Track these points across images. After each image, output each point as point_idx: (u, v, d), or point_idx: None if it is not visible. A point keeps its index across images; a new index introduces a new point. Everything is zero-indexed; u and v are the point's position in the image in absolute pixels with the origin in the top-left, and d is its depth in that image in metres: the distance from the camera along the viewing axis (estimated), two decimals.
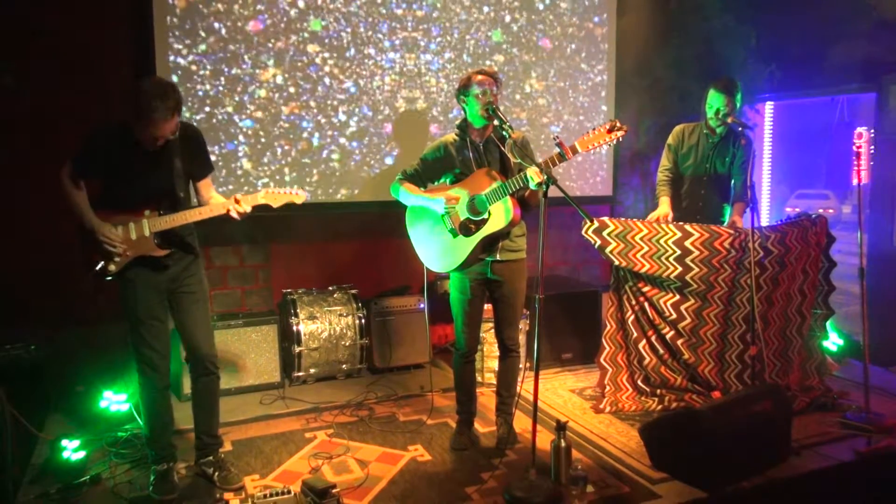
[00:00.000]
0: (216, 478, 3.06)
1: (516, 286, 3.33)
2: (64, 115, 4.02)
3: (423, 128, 4.87)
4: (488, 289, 3.36)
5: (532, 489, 2.86)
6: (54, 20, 3.95)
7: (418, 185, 3.36)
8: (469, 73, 3.22)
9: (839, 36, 4.97)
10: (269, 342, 4.28)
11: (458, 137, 3.30)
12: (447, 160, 3.29)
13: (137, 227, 2.86)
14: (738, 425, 2.98)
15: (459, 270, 3.28)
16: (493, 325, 4.21)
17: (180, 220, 2.86)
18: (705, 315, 3.83)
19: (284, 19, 4.39)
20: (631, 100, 5.60)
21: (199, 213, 2.87)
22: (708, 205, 4.09)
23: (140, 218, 2.86)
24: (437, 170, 3.33)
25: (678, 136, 4.18)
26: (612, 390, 3.94)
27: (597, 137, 2.94)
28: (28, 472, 3.17)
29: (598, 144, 2.96)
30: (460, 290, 3.32)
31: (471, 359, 3.47)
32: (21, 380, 3.33)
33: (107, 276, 2.87)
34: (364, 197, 4.77)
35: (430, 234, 3.32)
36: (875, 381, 3.87)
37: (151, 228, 2.85)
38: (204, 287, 3.09)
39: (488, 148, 3.26)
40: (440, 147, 3.32)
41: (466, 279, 3.29)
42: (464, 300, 3.32)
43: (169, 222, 2.86)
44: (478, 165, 3.24)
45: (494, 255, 3.24)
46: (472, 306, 3.34)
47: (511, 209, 3.10)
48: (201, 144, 3.00)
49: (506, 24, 5.02)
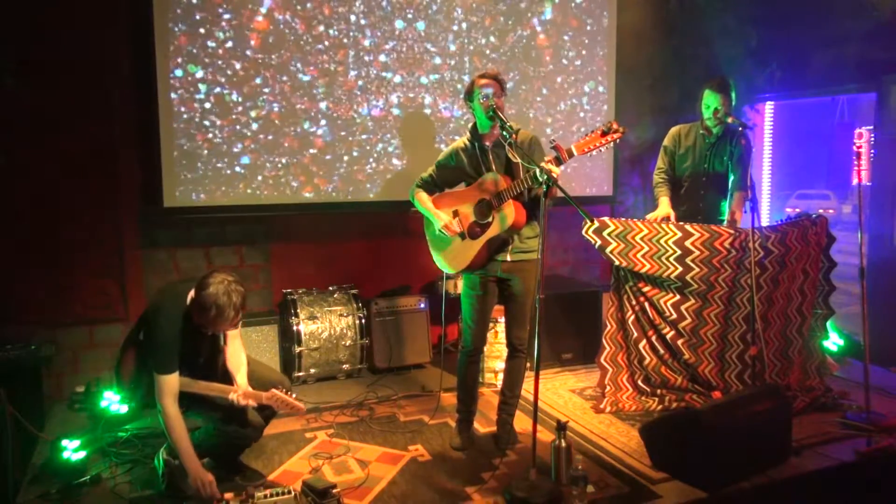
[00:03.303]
0: (237, 478, 3.08)
1: (526, 286, 3.33)
2: (64, 116, 4.03)
3: (426, 127, 4.87)
4: (499, 288, 3.38)
5: (532, 489, 2.85)
6: (55, 20, 3.95)
7: (434, 190, 3.43)
8: (473, 77, 3.28)
9: (839, 36, 4.98)
10: (270, 342, 4.28)
11: (468, 143, 3.33)
12: (459, 166, 3.34)
13: None
14: (738, 425, 2.98)
15: (469, 271, 3.31)
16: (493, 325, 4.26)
17: (194, 387, 2.91)
18: (706, 315, 3.83)
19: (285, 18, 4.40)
20: (631, 100, 5.60)
21: (210, 388, 2.93)
22: (708, 204, 4.09)
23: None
24: (452, 176, 3.39)
25: (674, 138, 4.18)
26: (612, 390, 3.94)
27: (592, 140, 3.00)
28: (28, 472, 3.17)
29: (593, 147, 3.00)
30: (470, 287, 3.36)
31: (476, 358, 3.47)
32: (21, 380, 3.34)
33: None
34: (365, 197, 4.77)
35: (441, 237, 3.38)
36: (875, 381, 3.86)
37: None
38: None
39: (495, 151, 3.27)
40: (452, 154, 3.37)
41: (477, 278, 3.33)
42: (472, 299, 3.35)
43: (184, 387, 2.88)
44: (486, 169, 3.27)
45: (505, 255, 3.27)
46: (480, 305, 3.35)
47: (509, 214, 3.14)
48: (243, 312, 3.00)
49: (507, 24, 5.02)
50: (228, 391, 2.90)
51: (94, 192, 4.13)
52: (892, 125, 4.76)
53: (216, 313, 2.71)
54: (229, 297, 2.72)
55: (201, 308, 2.72)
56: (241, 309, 2.78)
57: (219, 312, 2.71)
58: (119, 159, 4.20)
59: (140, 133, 4.22)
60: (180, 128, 4.22)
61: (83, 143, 4.08)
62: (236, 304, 2.74)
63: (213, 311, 2.70)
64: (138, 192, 4.27)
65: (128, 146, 4.22)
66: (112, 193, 4.19)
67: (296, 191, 4.57)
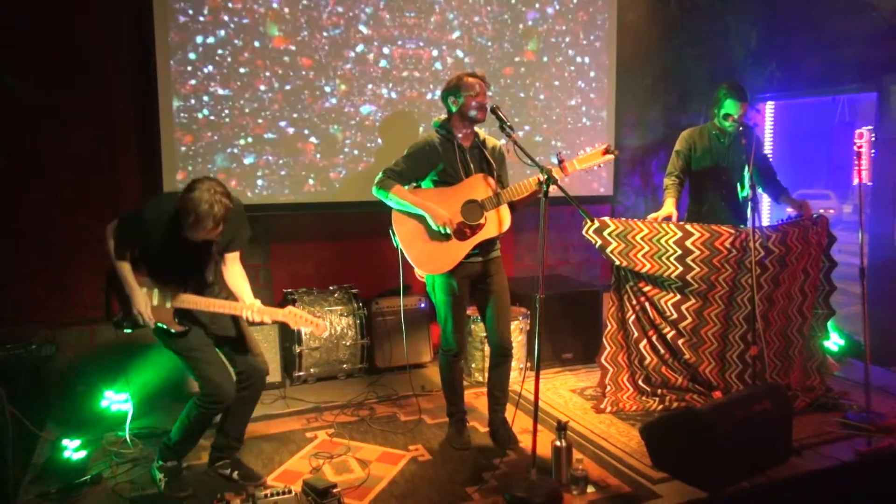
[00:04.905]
0: (235, 476, 3.08)
1: (504, 280, 3.38)
2: (64, 116, 4.03)
3: (424, 128, 4.87)
4: (474, 290, 3.38)
5: (533, 489, 2.85)
6: (55, 20, 3.95)
7: (403, 184, 3.30)
8: (459, 74, 3.28)
9: (840, 36, 4.97)
10: (270, 342, 4.27)
11: (442, 137, 3.30)
12: (433, 158, 3.27)
13: (160, 297, 2.91)
14: (739, 425, 2.97)
15: (448, 272, 3.27)
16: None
17: (201, 304, 2.91)
18: (706, 315, 3.83)
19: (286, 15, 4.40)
20: (631, 99, 5.60)
21: (218, 305, 2.91)
22: (732, 197, 4.12)
23: (165, 290, 2.91)
24: (423, 168, 3.30)
25: (689, 142, 4.15)
26: (612, 390, 3.94)
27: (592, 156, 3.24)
28: (29, 471, 3.17)
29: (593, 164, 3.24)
30: (448, 291, 3.31)
31: (460, 358, 3.47)
32: (22, 379, 3.33)
33: (122, 329, 2.94)
34: (364, 197, 4.73)
35: (420, 235, 3.26)
36: (876, 381, 3.86)
37: (173, 304, 2.90)
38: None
39: (472, 152, 3.29)
40: (426, 145, 3.29)
41: (453, 280, 3.28)
42: (453, 301, 3.32)
43: (189, 303, 2.90)
44: (464, 167, 3.26)
45: (479, 255, 3.29)
46: (460, 306, 3.36)
47: (505, 218, 3.20)
48: (242, 223, 2.98)
49: (505, 23, 5.01)
50: (239, 308, 2.86)
51: (94, 191, 4.13)
52: (893, 125, 4.76)
53: (194, 220, 2.63)
54: (211, 208, 2.63)
55: (182, 211, 2.65)
56: (221, 221, 2.68)
57: (197, 219, 2.63)
58: (119, 159, 4.20)
59: (140, 133, 4.22)
60: (180, 127, 4.21)
61: (83, 142, 4.09)
62: (216, 215, 2.65)
63: (191, 217, 2.63)
64: (138, 191, 4.27)
65: (128, 146, 4.22)
66: (112, 193, 4.18)
67: (296, 190, 4.57)
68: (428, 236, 3.25)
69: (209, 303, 2.90)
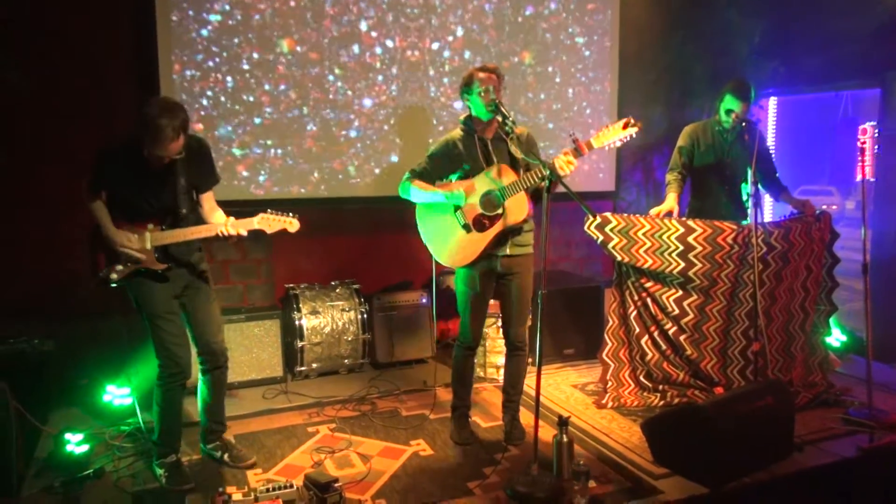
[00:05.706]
0: (226, 458, 3.15)
1: (526, 281, 3.34)
2: (64, 115, 4.02)
3: (426, 123, 4.87)
4: (497, 284, 3.37)
5: (534, 484, 2.86)
6: (55, 20, 3.95)
7: (428, 182, 3.34)
8: (471, 69, 3.26)
9: (843, 31, 4.95)
10: (272, 337, 4.28)
11: (464, 133, 3.30)
12: (455, 156, 3.29)
13: (140, 239, 2.91)
14: (740, 421, 2.97)
15: (471, 266, 3.28)
16: (494, 321, 4.25)
17: (179, 236, 2.93)
18: (708, 311, 3.83)
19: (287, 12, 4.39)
20: (635, 94, 5.58)
21: (195, 231, 2.93)
22: (735, 192, 4.12)
23: (143, 231, 2.91)
24: (446, 166, 3.32)
25: (692, 137, 4.14)
26: (614, 386, 3.94)
27: (612, 133, 3.04)
28: (32, 465, 3.18)
29: (612, 141, 3.06)
30: (469, 284, 3.32)
31: (473, 352, 3.48)
32: (25, 373, 3.34)
33: (109, 283, 2.94)
34: (366, 192, 4.77)
35: (442, 229, 3.31)
36: (878, 378, 3.86)
37: (152, 242, 2.91)
38: (211, 286, 3.17)
39: (496, 144, 3.26)
40: (448, 143, 3.32)
41: (476, 274, 3.29)
42: (472, 295, 3.33)
43: (168, 238, 2.92)
44: (486, 161, 3.24)
45: (504, 250, 3.25)
46: (480, 301, 3.35)
47: (521, 207, 3.15)
48: (206, 157, 3.03)
49: (508, 19, 5.00)
50: (215, 228, 2.90)
51: None
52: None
53: (154, 131, 2.60)
54: (172, 116, 2.61)
55: (141, 127, 2.63)
56: (181, 130, 2.66)
57: (157, 130, 2.60)
58: None
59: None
60: None
61: (84, 140, 4.07)
62: (175, 124, 2.62)
63: (150, 129, 2.61)
64: None
65: None
66: None
67: (298, 186, 4.57)
68: (449, 230, 3.27)
69: (186, 232, 2.92)
